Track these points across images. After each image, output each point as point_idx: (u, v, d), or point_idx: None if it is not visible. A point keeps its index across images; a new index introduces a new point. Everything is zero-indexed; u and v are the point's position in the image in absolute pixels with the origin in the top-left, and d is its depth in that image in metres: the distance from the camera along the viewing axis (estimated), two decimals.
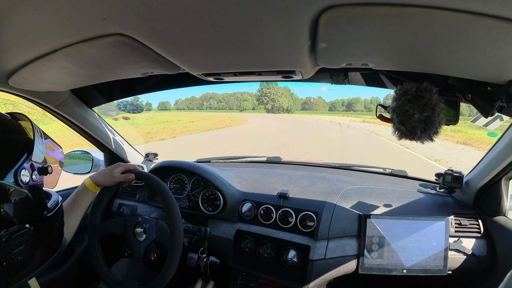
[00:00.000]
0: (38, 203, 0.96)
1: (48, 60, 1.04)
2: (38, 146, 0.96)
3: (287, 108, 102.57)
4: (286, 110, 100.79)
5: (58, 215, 1.09)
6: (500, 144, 1.49)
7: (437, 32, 0.75)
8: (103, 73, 1.32)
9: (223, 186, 1.94)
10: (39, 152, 0.96)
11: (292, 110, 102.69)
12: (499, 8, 0.62)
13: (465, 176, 1.82)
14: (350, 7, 0.69)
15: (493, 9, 0.63)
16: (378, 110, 1.25)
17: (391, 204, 1.80)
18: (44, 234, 0.98)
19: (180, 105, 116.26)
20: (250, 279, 1.84)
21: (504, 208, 1.65)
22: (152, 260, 1.53)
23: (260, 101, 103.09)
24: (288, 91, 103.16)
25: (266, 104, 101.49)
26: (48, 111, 1.74)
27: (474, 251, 1.65)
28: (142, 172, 1.61)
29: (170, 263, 1.44)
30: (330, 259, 1.63)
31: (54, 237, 1.07)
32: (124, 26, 0.83)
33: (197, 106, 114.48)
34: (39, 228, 0.94)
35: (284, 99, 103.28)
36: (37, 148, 0.95)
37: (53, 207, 1.05)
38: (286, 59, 1.07)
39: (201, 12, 0.73)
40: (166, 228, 1.56)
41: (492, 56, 0.83)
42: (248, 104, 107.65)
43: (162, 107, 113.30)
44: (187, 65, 1.18)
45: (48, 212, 1.01)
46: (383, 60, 1.07)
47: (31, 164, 0.91)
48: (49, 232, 1.03)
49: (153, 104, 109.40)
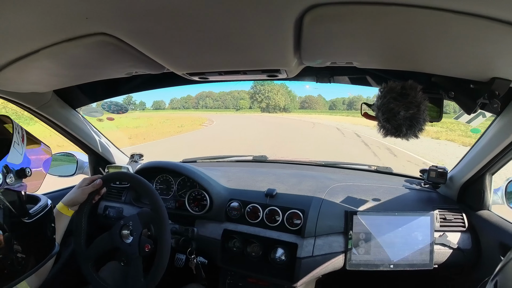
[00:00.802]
0: (16, 208, 0.91)
1: (30, 61, 1.02)
2: (17, 148, 0.92)
3: (285, 107, 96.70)
4: (283, 109, 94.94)
5: (47, 219, 1.05)
6: (483, 140, 1.51)
7: (420, 30, 0.75)
8: (87, 73, 1.30)
9: (210, 186, 1.93)
10: (17, 154, 0.92)
11: (290, 109, 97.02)
12: (480, 7, 0.63)
13: (449, 171, 1.84)
14: (335, 6, 0.69)
15: (474, 7, 0.63)
16: (362, 109, 1.26)
17: (377, 200, 1.81)
18: (27, 240, 0.94)
19: (175, 104, 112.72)
20: (239, 279, 1.84)
21: (488, 202, 1.68)
22: (147, 251, 1.51)
23: (254, 99, 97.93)
24: (285, 88, 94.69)
25: (260, 103, 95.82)
26: (31, 112, 1.71)
27: (459, 245, 1.67)
28: (110, 174, 1.61)
29: (159, 264, 1.43)
30: (317, 256, 1.64)
31: (41, 242, 1.03)
32: (108, 26, 0.82)
33: (193, 105, 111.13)
34: (20, 235, 0.91)
35: (281, 97, 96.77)
36: (14, 150, 0.91)
37: (38, 211, 1.01)
38: (271, 58, 1.07)
39: (184, 11, 0.72)
40: (149, 212, 1.55)
41: (474, 54, 0.84)
42: (244, 103, 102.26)
43: (156, 106, 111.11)
44: (172, 65, 1.17)
45: (30, 217, 0.96)
46: (367, 59, 1.07)
47: (6, 166, 0.88)
48: (35, 238, 0.99)
49: (147, 104, 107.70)
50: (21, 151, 0.94)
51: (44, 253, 1.04)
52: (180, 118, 45.36)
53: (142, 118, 36.49)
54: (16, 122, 0.98)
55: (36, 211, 1.01)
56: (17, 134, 0.94)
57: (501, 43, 0.75)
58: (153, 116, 47.91)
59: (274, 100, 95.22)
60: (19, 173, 0.91)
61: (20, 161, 0.93)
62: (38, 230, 1.01)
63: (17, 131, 0.95)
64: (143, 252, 1.50)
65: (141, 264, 1.51)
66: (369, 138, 17.99)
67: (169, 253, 1.48)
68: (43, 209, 1.04)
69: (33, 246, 0.98)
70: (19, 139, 0.95)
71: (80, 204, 1.56)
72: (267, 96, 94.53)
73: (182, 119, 41.13)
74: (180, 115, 56.52)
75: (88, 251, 1.56)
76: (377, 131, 1.20)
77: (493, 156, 1.48)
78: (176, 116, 52.35)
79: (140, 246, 1.51)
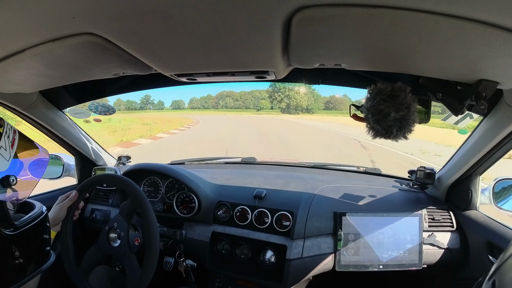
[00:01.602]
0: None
1: (15, 61, 1.00)
2: (3, 154, 0.89)
3: (307, 108, 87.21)
4: (306, 110, 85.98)
5: (37, 230, 1.01)
6: (470, 141, 1.53)
7: (407, 33, 0.75)
8: (73, 73, 1.28)
9: (198, 188, 1.92)
10: (3, 161, 0.88)
11: (314, 110, 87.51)
12: (467, 10, 0.63)
13: (437, 172, 1.86)
14: (323, 8, 0.68)
15: (461, 10, 0.63)
16: (351, 110, 1.26)
17: (365, 201, 1.82)
18: (8, 254, 0.90)
19: (194, 104, 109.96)
20: (228, 281, 1.83)
21: (475, 202, 1.70)
22: (138, 245, 1.51)
23: (273, 98, 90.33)
24: (308, 87, 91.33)
25: (280, 102, 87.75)
26: (16, 113, 1.68)
27: (448, 245, 1.69)
28: (84, 182, 1.60)
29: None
30: (307, 257, 1.64)
31: (28, 256, 0.98)
32: (94, 25, 0.80)
33: (213, 105, 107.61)
34: (2, 246, 0.87)
35: (303, 96, 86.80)
36: (0, 156, 0.87)
37: (27, 221, 0.97)
38: (259, 59, 1.06)
39: (172, 12, 0.71)
40: (129, 203, 1.54)
41: (461, 56, 0.85)
42: (266, 102, 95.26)
43: (175, 106, 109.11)
44: (159, 66, 1.16)
45: (16, 229, 0.92)
46: (356, 61, 1.07)
47: None
48: (23, 247, 0.95)
49: (165, 103, 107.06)
50: (7, 157, 0.90)
51: (32, 268, 0.99)
52: (167, 120, 41.48)
53: (127, 120, 34.62)
54: (10, 124, 0.94)
55: (24, 222, 0.96)
56: (6, 139, 0.91)
57: (488, 46, 0.75)
58: (141, 117, 45.70)
59: (296, 100, 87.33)
60: (2, 182, 0.87)
61: (5, 168, 0.89)
62: (25, 242, 0.96)
63: (7, 135, 0.91)
64: (134, 247, 1.50)
65: (136, 260, 1.50)
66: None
67: (158, 235, 1.48)
68: (34, 219, 1.00)
69: (16, 260, 0.93)
70: (7, 144, 0.91)
71: (62, 222, 1.53)
72: (287, 95, 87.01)
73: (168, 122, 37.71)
74: (172, 117, 53.68)
75: (80, 269, 1.54)
76: (366, 133, 1.20)
77: (481, 157, 1.50)
78: (166, 117, 50.03)
79: (129, 243, 1.50)
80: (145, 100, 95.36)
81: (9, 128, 0.93)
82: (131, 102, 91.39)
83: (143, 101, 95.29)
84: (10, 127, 0.94)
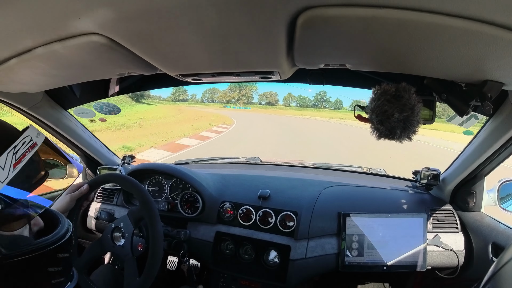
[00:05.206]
0: None
1: (21, 60, 1.00)
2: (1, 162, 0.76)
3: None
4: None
5: (57, 251, 0.88)
6: (475, 142, 1.52)
7: (412, 33, 0.75)
8: (79, 73, 1.28)
9: (202, 188, 1.92)
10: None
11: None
12: (472, 10, 0.63)
13: (442, 173, 1.85)
14: (328, 8, 0.68)
15: (466, 10, 0.63)
16: (356, 110, 1.25)
17: (370, 202, 1.82)
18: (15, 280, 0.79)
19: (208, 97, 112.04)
20: (231, 281, 1.83)
21: (480, 203, 1.70)
22: (140, 250, 1.50)
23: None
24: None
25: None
26: (21, 113, 1.68)
27: (452, 246, 1.68)
28: (96, 178, 1.60)
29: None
30: (310, 258, 1.64)
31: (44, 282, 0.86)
32: (100, 26, 0.80)
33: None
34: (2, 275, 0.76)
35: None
36: None
37: (50, 243, 0.85)
38: (264, 60, 1.06)
39: (177, 12, 0.71)
40: (138, 208, 1.53)
41: (466, 56, 0.84)
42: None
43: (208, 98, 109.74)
44: (164, 66, 1.16)
45: (20, 255, 0.79)
46: (360, 61, 1.07)
47: None
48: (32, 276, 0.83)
49: (197, 95, 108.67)
50: (2, 178, 0.76)
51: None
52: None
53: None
54: (33, 136, 0.87)
55: (41, 243, 0.85)
56: (10, 156, 0.78)
57: (494, 46, 0.75)
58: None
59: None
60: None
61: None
62: (39, 267, 0.85)
63: (13, 152, 0.79)
64: (136, 252, 1.49)
65: (136, 265, 1.49)
66: None
67: (162, 248, 1.48)
68: (61, 237, 0.90)
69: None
70: (9, 162, 0.78)
71: (69, 211, 1.53)
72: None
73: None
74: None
75: (80, 260, 1.54)
76: (371, 134, 1.19)
77: (486, 158, 1.49)
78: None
79: (132, 246, 1.50)
80: (180, 91, 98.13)
81: (24, 143, 0.82)
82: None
83: (175, 93, 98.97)
84: (26, 141, 0.83)
